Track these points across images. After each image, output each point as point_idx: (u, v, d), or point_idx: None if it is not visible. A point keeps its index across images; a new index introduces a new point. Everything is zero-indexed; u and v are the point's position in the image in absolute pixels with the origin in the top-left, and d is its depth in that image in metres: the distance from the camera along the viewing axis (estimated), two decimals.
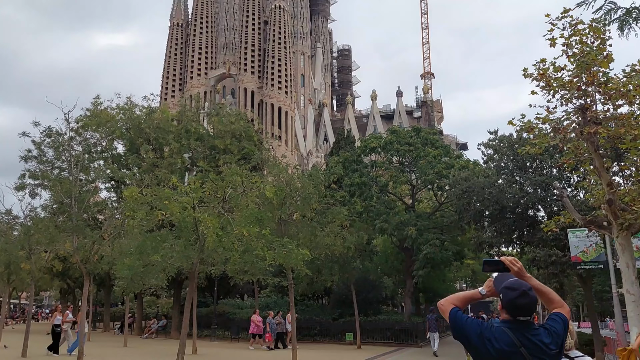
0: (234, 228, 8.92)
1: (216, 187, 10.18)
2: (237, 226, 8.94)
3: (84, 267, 13.19)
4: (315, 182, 14.85)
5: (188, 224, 9.86)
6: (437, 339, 20.93)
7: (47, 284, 44.64)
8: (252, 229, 9.01)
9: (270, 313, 22.92)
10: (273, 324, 22.52)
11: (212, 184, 10.46)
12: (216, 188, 10.41)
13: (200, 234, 9.70)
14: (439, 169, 22.04)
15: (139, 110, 29.56)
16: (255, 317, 23.08)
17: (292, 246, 10.72)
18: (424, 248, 21.22)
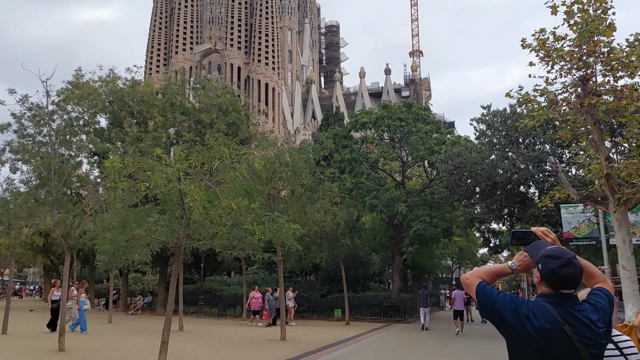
0: (221, 201, 8.46)
1: (202, 158, 9.67)
2: (225, 199, 8.48)
3: (64, 242, 12.69)
4: (305, 156, 14.40)
5: (173, 197, 9.37)
6: (427, 314, 21.10)
7: (30, 260, 43.96)
8: (240, 202, 8.57)
9: (269, 289, 22.53)
10: (272, 301, 22.15)
11: (198, 156, 9.95)
12: (202, 160, 9.91)
13: (186, 207, 9.23)
14: (430, 145, 21.68)
15: (122, 82, 28.64)
16: (254, 293, 22.65)
17: (283, 221, 10.31)
18: (414, 225, 21.00)
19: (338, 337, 17.26)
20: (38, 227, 15.90)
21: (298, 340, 15.86)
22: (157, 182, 8.72)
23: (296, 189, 14.43)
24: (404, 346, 15.12)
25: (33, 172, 14.42)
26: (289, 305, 22.73)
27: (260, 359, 11.71)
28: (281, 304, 16.55)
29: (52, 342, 12.95)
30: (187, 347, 13.70)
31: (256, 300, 22.44)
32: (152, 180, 8.74)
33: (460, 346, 15.71)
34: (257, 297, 22.48)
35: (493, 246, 21.05)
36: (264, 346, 14.33)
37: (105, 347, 13.31)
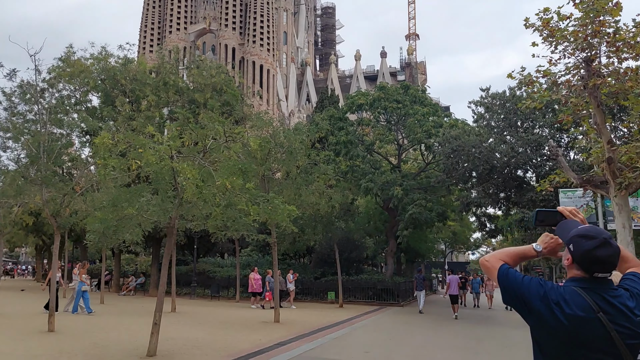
0: (215, 180, 8.18)
1: (196, 137, 9.37)
2: (219, 178, 8.20)
3: (54, 221, 12.39)
4: (301, 137, 14.09)
5: (165, 176, 9.10)
6: (423, 297, 21.35)
7: (22, 240, 43.66)
8: (235, 181, 8.30)
9: (269, 271, 22.28)
10: (273, 283, 21.89)
11: (191, 134, 9.64)
12: (196, 138, 9.60)
13: (179, 187, 8.96)
14: (427, 128, 21.39)
15: (114, 60, 28.03)
16: (253, 275, 22.42)
17: (278, 202, 10.06)
18: (409, 208, 20.81)
19: (332, 319, 17.17)
20: (28, 205, 15.54)
21: (292, 323, 15.74)
22: (148, 159, 8.43)
23: (291, 170, 14.14)
24: (399, 329, 15.04)
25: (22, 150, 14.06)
26: (290, 288, 22.64)
27: (254, 341, 11.55)
28: (275, 285, 16.39)
29: (41, 322, 12.75)
30: (179, 328, 13.54)
31: (256, 281, 22.21)
32: (144, 157, 8.44)
33: (455, 329, 15.66)
34: (257, 279, 22.24)
35: (489, 230, 20.96)
36: (257, 328, 14.19)
37: (96, 328, 13.11)
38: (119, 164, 8.64)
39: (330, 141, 23.61)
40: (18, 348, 9.70)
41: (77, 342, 10.63)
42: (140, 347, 10.27)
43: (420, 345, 11.95)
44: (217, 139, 9.90)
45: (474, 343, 12.65)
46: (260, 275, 22.54)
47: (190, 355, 9.69)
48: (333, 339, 12.23)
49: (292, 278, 22.82)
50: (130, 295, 29.05)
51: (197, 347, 10.63)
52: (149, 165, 8.62)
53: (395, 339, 12.85)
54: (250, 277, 22.43)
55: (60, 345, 10.23)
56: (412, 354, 10.66)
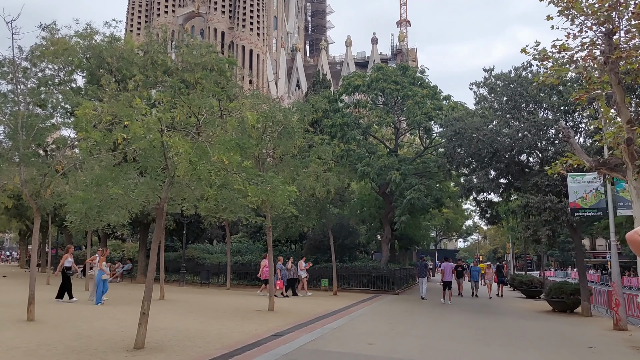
0: (211, 155, 7.36)
1: (188, 109, 8.52)
2: (215, 153, 7.39)
3: (33, 202, 11.51)
4: (299, 115, 13.26)
5: (154, 152, 8.26)
6: (425, 284, 21.43)
7: (4, 224, 42.43)
8: (232, 156, 7.49)
9: (280, 259, 21.42)
10: (284, 271, 21.05)
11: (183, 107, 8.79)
12: (188, 111, 8.75)
13: (170, 163, 8.13)
14: (427, 110, 20.64)
15: (100, 38, 26.82)
16: (265, 261, 21.34)
17: (277, 182, 9.27)
18: (407, 193, 20.13)
19: (328, 308, 16.52)
20: (6, 187, 14.57)
21: (287, 311, 15.06)
22: (135, 132, 7.58)
23: (289, 150, 13.32)
24: (399, 318, 14.41)
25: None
26: (301, 275, 21.89)
27: (248, 332, 10.83)
28: (270, 272, 15.66)
29: (21, 310, 11.91)
30: (168, 317, 12.78)
31: (267, 269, 21.28)
32: (131, 130, 7.59)
33: (457, 318, 15.09)
34: (267, 266, 21.35)
35: (489, 217, 20.36)
36: (251, 317, 13.48)
37: (79, 317, 12.30)
38: (102, 139, 7.77)
39: (325, 124, 22.78)
40: None
41: (58, 333, 9.82)
42: (127, 338, 9.50)
43: (425, 336, 11.31)
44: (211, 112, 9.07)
45: (482, 333, 12.05)
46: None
47: (180, 347, 8.94)
48: (333, 330, 11.54)
49: (304, 265, 22.02)
50: (117, 281, 28.17)
51: (188, 338, 9.88)
52: (136, 140, 7.78)
53: (397, 329, 12.20)
54: (262, 264, 21.52)
55: (40, 336, 9.41)
56: (420, 345, 10.00)
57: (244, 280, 26.64)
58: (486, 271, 23.56)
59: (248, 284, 26.29)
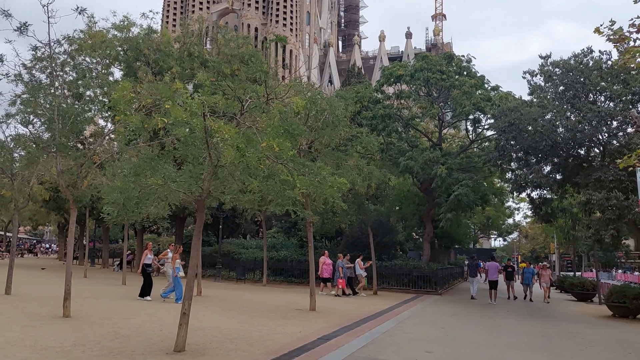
0: (260, 140, 6.62)
1: (233, 93, 7.82)
2: (265, 139, 6.65)
3: (69, 194, 11.06)
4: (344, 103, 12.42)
5: (196, 138, 7.57)
6: (476, 283, 21.16)
7: (44, 218, 43.16)
8: (283, 142, 6.73)
9: (340, 256, 20.58)
10: (345, 269, 20.15)
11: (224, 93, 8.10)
12: (232, 96, 8.05)
13: (213, 151, 7.43)
14: (476, 100, 19.46)
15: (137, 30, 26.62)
16: (324, 259, 20.67)
17: (326, 173, 8.48)
18: (454, 189, 19.04)
19: (371, 308, 15.70)
20: (43, 178, 14.31)
21: (329, 311, 14.29)
22: (177, 116, 6.90)
23: (333, 141, 12.49)
24: (450, 322, 13.45)
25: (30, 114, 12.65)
26: (361, 274, 20.96)
27: (293, 334, 10.10)
28: (311, 269, 14.89)
29: (57, 305, 11.50)
30: (207, 315, 12.18)
31: (327, 266, 20.42)
32: (171, 113, 6.91)
33: (512, 324, 14.02)
34: (328, 264, 20.47)
35: (543, 214, 19.07)
36: (292, 317, 12.77)
37: (116, 313, 11.82)
38: (141, 123, 7.13)
39: (365, 116, 21.81)
40: (27, 337, 8.38)
41: (93, 331, 9.30)
42: (166, 338, 8.90)
43: (484, 343, 10.35)
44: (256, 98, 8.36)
45: (545, 341, 11.00)
46: (330, 260, 20.72)
47: (223, 350, 8.27)
48: (383, 334, 10.70)
49: (363, 264, 21.01)
50: (154, 275, 27.95)
51: (230, 339, 9.21)
52: (178, 125, 7.11)
53: (452, 334, 11.26)
54: (320, 261, 20.57)
55: (75, 334, 8.89)
56: (483, 355, 9.06)
57: (280, 277, 26.05)
58: (542, 272, 21.74)
59: (284, 280, 25.70)
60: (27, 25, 11.52)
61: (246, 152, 6.54)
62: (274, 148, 6.64)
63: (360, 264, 20.94)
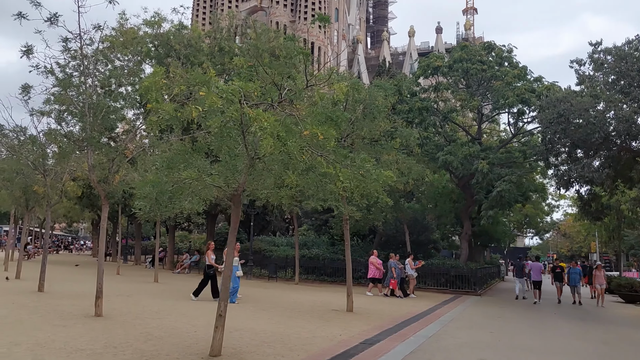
0: (302, 128, 6.04)
1: (271, 78, 7.26)
2: (307, 127, 6.06)
3: (101, 189, 10.73)
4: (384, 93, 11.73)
5: (232, 129, 7.03)
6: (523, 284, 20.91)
7: (78, 214, 43.73)
8: (328, 130, 6.13)
9: (392, 256, 19.83)
10: (398, 269, 19.37)
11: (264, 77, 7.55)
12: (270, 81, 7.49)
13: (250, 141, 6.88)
14: (520, 91, 18.46)
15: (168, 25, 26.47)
16: (373, 258, 19.92)
17: (370, 166, 7.84)
18: (497, 185, 18.11)
19: (410, 310, 14.99)
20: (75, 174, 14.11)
21: (367, 313, 13.65)
22: (212, 103, 6.37)
23: (374, 133, 11.81)
24: (498, 326, 12.63)
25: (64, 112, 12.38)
26: (412, 275, 20.16)
27: (333, 337, 9.51)
28: (347, 268, 14.29)
29: (89, 304, 11.20)
30: (241, 315, 11.70)
31: (378, 266, 19.68)
32: (207, 100, 6.39)
33: (561, 327, 13.09)
34: (379, 264, 19.72)
35: (593, 211, 17.96)
36: (330, 318, 12.18)
37: (149, 312, 11.46)
38: (175, 112, 6.63)
39: (401, 109, 21.02)
40: (57, 338, 8.02)
41: (126, 331, 8.90)
42: (201, 341, 8.43)
43: (538, 350, 9.54)
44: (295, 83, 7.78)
45: (607, 349, 10.11)
46: (380, 260, 19.99)
47: (261, 355, 7.73)
48: (428, 339, 10.00)
49: (414, 264, 20.18)
50: (185, 273, 27.88)
51: (268, 343, 8.67)
52: (213, 113, 6.58)
53: (502, 339, 10.48)
54: (370, 261, 19.88)
55: (107, 335, 8.50)
56: None
57: (312, 275, 25.50)
58: (596, 273, 20.21)
59: (316, 279, 25.15)
60: (58, 15, 11.23)
61: (288, 140, 5.95)
62: (318, 136, 6.02)
63: (411, 264, 20.03)
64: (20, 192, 17.61)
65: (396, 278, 18.79)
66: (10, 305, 11.30)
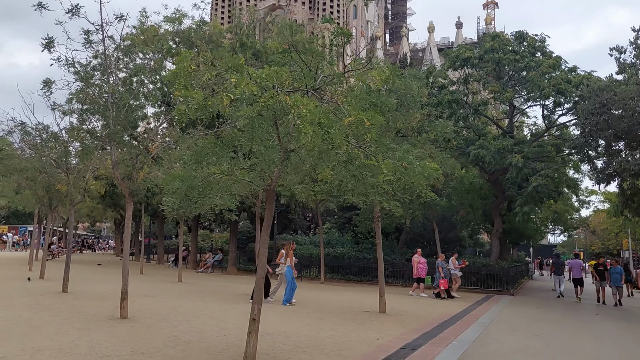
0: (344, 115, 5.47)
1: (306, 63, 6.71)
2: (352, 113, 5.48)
3: (125, 186, 10.31)
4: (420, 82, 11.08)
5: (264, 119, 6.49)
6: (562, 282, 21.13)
7: (101, 214, 43.89)
8: (374, 116, 5.55)
9: (441, 255, 19.20)
10: (446, 268, 18.59)
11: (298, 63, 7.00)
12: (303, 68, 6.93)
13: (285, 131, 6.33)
14: (556, 82, 17.58)
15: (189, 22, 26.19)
16: (416, 257, 19.16)
17: (413, 157, 7.22)
18: (533, 179, 17.28)
19: (445, 310, 14.32)
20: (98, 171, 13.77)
21: (400, 314, 13.02)
22: (246, 89, 5.82)
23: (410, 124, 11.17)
24: (541, 328, 11.89)
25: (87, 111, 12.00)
26: (457, 274, 19.45)
27: (370, 341, 8.93)
28: (380, 267, 13.68)
29: (113, 305, 10.81)
30: (271, 317, 11.16)
31: (422, 265, 18.96)
32: (240, 85, 5.85)
33: (611, 330, 12.30)
34: (423, 262, 19.00)
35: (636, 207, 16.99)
36: (363, 320, 11.59)
37: (175, 314, 11.02)
38: (203, 100, 6.11)
39: (429, 102, 20.25)
40: (81, 343, 7.59)
41: (152, 335, 8.44)
42: (232, 346, 7.93)
43: (599, 357, 8.80)
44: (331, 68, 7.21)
45: None
46: (424, 258, 19.29)
47: None
48: (472, 343, 9.34)
49: (458, 263, 19.46)
50: (208, 272, 27.57)
51: (302, 348, 8.12)
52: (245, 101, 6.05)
53: (553, 345, 9.75)
54: (414, 260, 19.13)
55: (133, 339, 8.05)
56: None
57: (337, 274, 24.92)
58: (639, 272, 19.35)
59: (342, 278, 24.56)
60: (79, 7, 10.82)
61: (332, 127, 5.36)
62: (364, 123, 5.43)
63: (455, 263, 19.28)
64: (43, 191, 17.41)
65: (445, 277, 17.97)
66: (34, 307, 10.98)
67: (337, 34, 6.70)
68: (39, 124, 14.55)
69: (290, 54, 7.29)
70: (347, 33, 6.81)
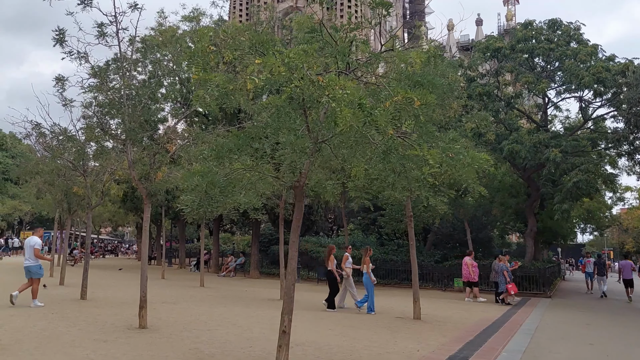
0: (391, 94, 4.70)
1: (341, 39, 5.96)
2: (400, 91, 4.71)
3: (142, 187, 9.67)
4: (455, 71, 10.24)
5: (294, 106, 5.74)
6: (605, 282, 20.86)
7: (122, 218, 43.78)
8: (427, 94, 4.77)
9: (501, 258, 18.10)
10: (509, 272, 17.56)
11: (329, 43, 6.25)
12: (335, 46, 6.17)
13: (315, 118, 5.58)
14: (596, 70, 16.49)
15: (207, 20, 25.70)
16: (469, 260, 18.10)
17: (461, 147, 6.41)
18: (572, 175, 16.22)
19: (483, 316, 13.42)
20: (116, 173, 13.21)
21: (436, 320, 12.15)
22: (274, 70, 5.08)
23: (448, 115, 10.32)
24: (593, 335, 10.90)
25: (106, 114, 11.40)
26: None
27: (409, 353, 8.10)
28: (413, 270, 12.84)
29: (132, 313, 10.18)
30: (299, 326, 10.37)
31: (474, 269, 17.99)
32: (265, 67, 5.11)
33: None
34: (474, 266, 18.06)
35: None
36: (398, 328, 10.75)
37: (197, 322, 10.34)
38: (226, 82, 5.39)
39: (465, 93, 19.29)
40: (97, 357, 6.93)
41: (173, 347, 7.74)
42: (259, 357, 7.19)
43: None
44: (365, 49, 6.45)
45: None
46: (475, 262, 18.30)
47: None
48: (524, 354, 8.43)
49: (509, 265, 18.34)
50: (230, 276, 26.97)
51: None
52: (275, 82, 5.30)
53: (612, 354, 8.79)
54: (465, 262, 18.13)
55: (152, 352, 7.36)
56: None
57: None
58: None
59: None
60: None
61: (374, 109, 4.58)
62: (414, 102, 4.64)
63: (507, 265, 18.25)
64: (62, 194, 17.00)
65: (511, 281, 16.89)
66: (50, 316, 10.40)
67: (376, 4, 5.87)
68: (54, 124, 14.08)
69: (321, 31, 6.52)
70: (387, 4, 6.00)
